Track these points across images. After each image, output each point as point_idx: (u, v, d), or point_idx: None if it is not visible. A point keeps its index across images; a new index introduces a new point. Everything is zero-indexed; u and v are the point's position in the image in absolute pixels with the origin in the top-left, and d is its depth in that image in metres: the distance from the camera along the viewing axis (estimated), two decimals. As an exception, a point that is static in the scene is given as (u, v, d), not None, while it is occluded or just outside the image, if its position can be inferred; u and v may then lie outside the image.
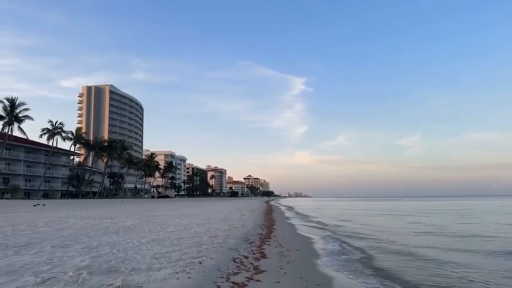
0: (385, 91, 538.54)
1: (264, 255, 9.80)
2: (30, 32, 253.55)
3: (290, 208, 62.61)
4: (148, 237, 11.20)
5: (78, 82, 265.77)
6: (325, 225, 24.90)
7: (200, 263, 7.44)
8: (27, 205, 35.16)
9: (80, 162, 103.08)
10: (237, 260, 8.43)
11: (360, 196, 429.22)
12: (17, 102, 62.08)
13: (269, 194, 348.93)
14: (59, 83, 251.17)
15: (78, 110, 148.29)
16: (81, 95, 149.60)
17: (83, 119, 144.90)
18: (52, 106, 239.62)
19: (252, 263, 8.41)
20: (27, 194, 73.94)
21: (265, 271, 7.66)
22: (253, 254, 9.84)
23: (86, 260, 7.21)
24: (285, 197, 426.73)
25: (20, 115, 62.48)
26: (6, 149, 70.99)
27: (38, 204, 35.99)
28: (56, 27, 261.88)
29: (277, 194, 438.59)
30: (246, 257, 9.08)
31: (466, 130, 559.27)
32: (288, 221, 28.47)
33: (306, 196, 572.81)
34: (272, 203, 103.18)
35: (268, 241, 12.79)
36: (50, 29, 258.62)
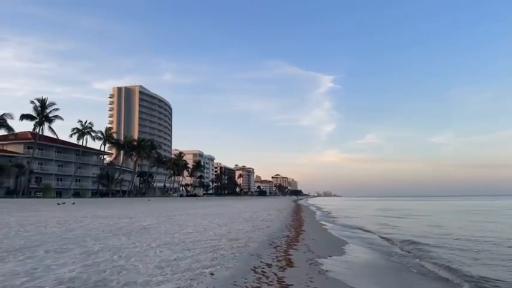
0: (417, 88, 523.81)
1: (290, 263, 8.39)
2: (65, 37, 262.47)
3: (319, 207, 60.67)
4: (161, 240, 10.02)
5: (110, 84, 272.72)
6: (358, 225, 23.12)
7: (212, 274, 6.12)
8: (52, 204, 35.15)
9: (110, 161, 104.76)
10: (258, 270, 7.06)
11: (391, 195, 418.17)
12: (47, 103, 63.36)
13: (297, 193, 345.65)
14: (92, 86, 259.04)
15: (109, 110, 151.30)
16: (111, 96, 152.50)
17: (114, 119, 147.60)
18: (86, 108, 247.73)
19: (275, 274, 7.02)
20: (59, 193, 75.40)
21: (292, 285, 6.26)
22: (278, 261, 8.45)
23: (76, 269, 6.04)
24: (314, 196, 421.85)
25: (50, 115, 63.73)
26: (39, 149, 72.68)
27: (64, 203, 35.95)
28: (89, 31, 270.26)
29: (306, 193, 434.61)
30: (269, 266, 7.70)
31: (501, 127, 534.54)
32: (318, 222, 26.75)
33: (335, 195, 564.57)
34: (300, 202, 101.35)
35: (296, 245, 11.36)
36: (83, 33, 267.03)
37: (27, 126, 78.42)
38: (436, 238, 16.07)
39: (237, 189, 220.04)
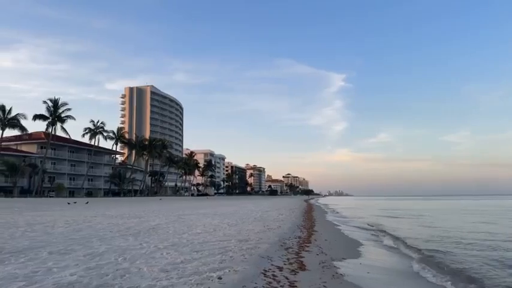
0: (430, 85, 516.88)
1: (302, 266, 8.02)
2: (79, 38, 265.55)
3: (331, 207, 60.02)
4: (169, 241, 9.73)
5: (123, 84, 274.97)
6: (372, 226, 22.61)
7: (220, 278, 5.79)
8: (63, 203, 35.27)
9: (122, 161, 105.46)
10: (269, 274, 6.71)
11: (404, 195, 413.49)
12: (59, 103, 63.95)
13: (309, 192, 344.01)
14: (105, 86, 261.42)
15: (121, 110, 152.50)
16: (123, 96, 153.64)
17: (126, 119, 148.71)
18: (99, 108, 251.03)
19: (287, 278, 6.66)
20: (72, 193, 76.10)
21: (304, 290, 5.89)
22: (290, 263, 8.08)
23: (78, 272, 5.77)
24: (325, 195, 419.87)
25: (63, 115, 64.30)
26: (52, 148, 73.43)
27: (75, 202, 36.09)
28: (102, 32, 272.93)
29: (317, 192, 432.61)
30: (280, 269, 7.34)
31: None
32: (330, 222, 26.25)
33: (346, 195, 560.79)
34: (312, 201, 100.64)
35: (308, 246, 10.98)
36: (96, 34, 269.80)
37: (41, 126, 79.33)
38: (459, 242, 15.31)
39: (248, 189, 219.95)
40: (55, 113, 63.14)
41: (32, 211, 21.77)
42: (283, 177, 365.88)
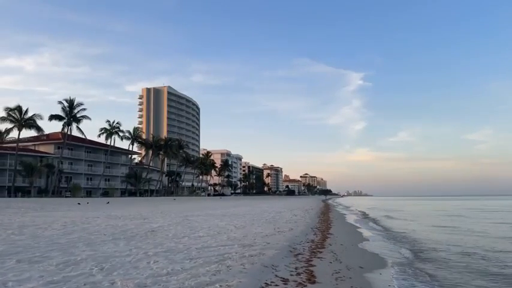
0: (451, 83, 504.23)
1: (312, 277, 6.86)
2: (99, 41, 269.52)
3: (349, 207, 58.32)
4: (163, 246, 8.71)
5: (142, 86, 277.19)
6: (403, 231, 20.39)
7: (206, 297, 4.70)
8: (74, 203, 34.84)
9: (140, 161, 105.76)
10: (270, 288, 5.60)
11: (425, 195, 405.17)
12: (75, 103, 64.07)
13: (327, 192, 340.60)
14: (125, 88, 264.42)
15: (139, 111, 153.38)
16: (141, 97, 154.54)
17: (143, 119, 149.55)
18: (119, 110, 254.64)
19: (292, 294, 5.54)
20: (89, 193, 76.39)
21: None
22: (297, 274, 6.93)
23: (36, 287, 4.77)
24: (344, 195, 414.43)
25: (78, 115, 64.41)
26: (69, 149, 73.89)
27: (88, 203, 35.66)
28: (121, 35, 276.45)
29: (335, 192, 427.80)
30: (285, 281, 6.21)
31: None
32: (348, 223, 24.85)
33: (366, 195, 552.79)
34: (330, 202, 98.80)
35: (321, 252, 9.79)
36: (115, 37, 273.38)
37: (58, 127, 79.96)
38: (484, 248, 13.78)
39: (265, 189, 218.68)
40: (70, 113, 63.34)
41: (36, 211, 21.20)
42: (301, 177, 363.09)
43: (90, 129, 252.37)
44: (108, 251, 7.78)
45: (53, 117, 62.23)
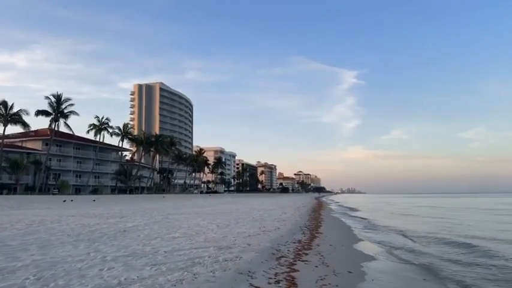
0: (444, 81, 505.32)
1: (292, 286, 5.91)
2: (92, 38, 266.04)
3: (342, 205, 57.54)
4: (128, 249, 7.73)
5: (135, 83, 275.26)
6: (396, 229, 19.73)
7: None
8: (58, 201, 33.62)
9: (131, 158, 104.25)
10: (239, 303, 4.65)
11: (418, 192, 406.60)
12: (62, 98, 62.44)
13: (320, 190, 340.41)
14: (118, 85, 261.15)
15: (131, 107, 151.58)
16: (132, 93, 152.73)
17: (135, 116, 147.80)
18: (112, 107, 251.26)
19: (264, 310, 4.59)
20: (78, 190, 74.90)
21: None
22: (276, 282, 5.99)
23: None
24: (337, 193, 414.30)
25: (66, 111, 62.82)
26: (57, 145, 72.37)
27: (72, 200, 34.49)
28: (116, 32, 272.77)
29: (329, 190, 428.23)
30: (260, 292, 5.26)
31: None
32: (339, 221, 23.82)
33: (359, 192, 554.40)
34: (323, 199, 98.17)
35: (307, 254, 8.86)
36: (109, 34, 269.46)
37: (47, 123, 78.17)
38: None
39: (259, 186, 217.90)
40: (58, 108, 61.77)
41: (11, 209, 20.06)
42: (295, 174, 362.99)
43: (82, 126, 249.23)
44: (60, 255, 6.78)
45: (39, 112, 60.62)
